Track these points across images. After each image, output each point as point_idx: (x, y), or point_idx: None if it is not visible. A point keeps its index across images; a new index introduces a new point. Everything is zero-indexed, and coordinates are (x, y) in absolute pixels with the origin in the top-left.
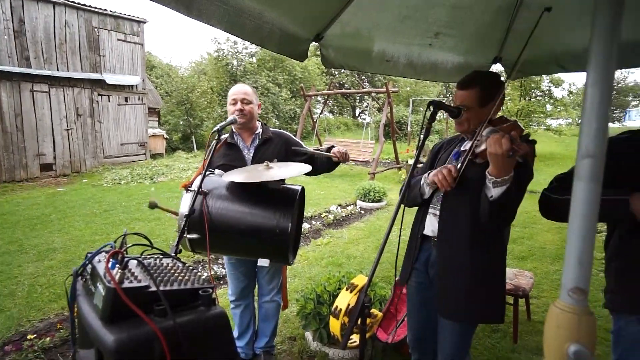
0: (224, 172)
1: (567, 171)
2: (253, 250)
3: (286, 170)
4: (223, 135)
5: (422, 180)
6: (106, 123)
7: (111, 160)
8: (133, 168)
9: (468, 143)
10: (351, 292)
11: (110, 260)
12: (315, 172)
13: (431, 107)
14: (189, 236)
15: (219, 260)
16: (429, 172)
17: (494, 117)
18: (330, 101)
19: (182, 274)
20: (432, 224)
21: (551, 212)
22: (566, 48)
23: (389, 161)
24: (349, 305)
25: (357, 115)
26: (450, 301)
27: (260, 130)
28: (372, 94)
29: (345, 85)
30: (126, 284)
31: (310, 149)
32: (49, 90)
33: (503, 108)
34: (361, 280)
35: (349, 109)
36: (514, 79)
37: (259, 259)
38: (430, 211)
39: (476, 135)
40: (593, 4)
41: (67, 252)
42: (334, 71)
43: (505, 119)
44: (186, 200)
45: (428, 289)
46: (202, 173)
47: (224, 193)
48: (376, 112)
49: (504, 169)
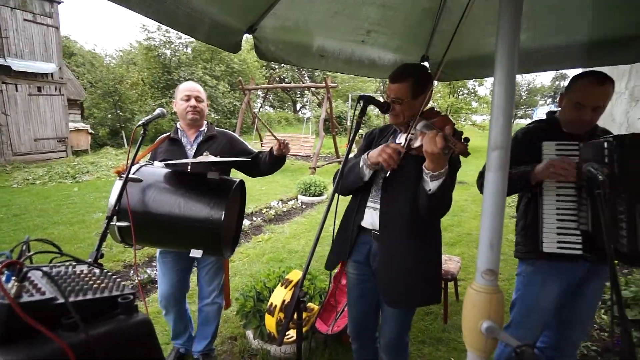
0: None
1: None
2: (186, 240)
3: (224, 157)
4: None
5: (360, 162)
6: (14, 116)
7: (22, 158)
8: (51, 166)
9: (401, 135)
10: (286, 287)
11: (4, 272)
12: (259, 172)
13: (361, 102)
14: (118, 224)
15: (153, 262)
16: (367, 153)
17: (424, 109)
18: (271, 95)
19: (99, 282)
20: (371, 217)
21: None
22: (485, 52)
23: (329, 155)
24: (284, 301)
25: (297, 110)
26: (394, 290)
27: (205, 128)
28: (312, 88)
29: (286, 80)
30: (25, 298)
31: (255, 150)
32: None
33: (435, 105)
34: (296, 276)
35: (289, 103)
36: (439, 80)
37: (191, 250)
38: (369, 205)
39: (410, 128)
40: (498, 14)
41: None
42: (273, 65)
43: (436, 111)
44: (117, 187)
45: (369, 280)
46: (138, 162)
47: (161, 182)
48: (316, 106)
49: (440, 164)
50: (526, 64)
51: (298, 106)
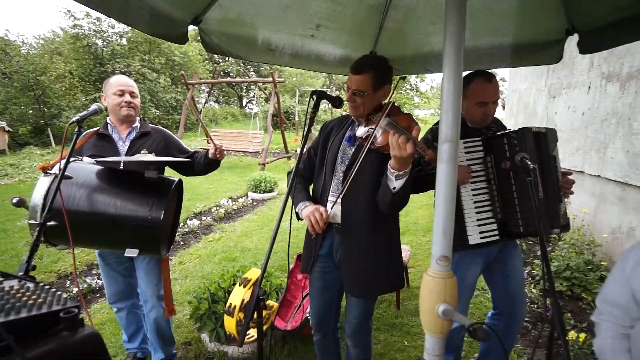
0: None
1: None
2: (122, 240)
3: (159, 155)
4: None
5: (298, 207)
6: None
7: None
8: None
9: (360, 127)
10: (244, 287)
11: None
12: (193, 173)
13: (314, 97)
14: (48, 224)
15: (92, 270)
16: (305, 206)
17: (384, 102)
18: (216, 90)
19: (35, 297)
20: (333, 210)
21: (419, 187)
22: (430, 50)
23: (278, 151)
24: (243, 300)
25: (244, 106)
26: (358, 281)
27: (138, 124)
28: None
29: (231, 74)
30: None
31: (191, 149)
32: None
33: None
34: (254, 274)
35: (235, 98)
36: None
37: (126, 250)
38: (330, 199)
39: (376, 126)
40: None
41: None
42: (217, 58)
43: (397, 106)
44: (42, 184)
45: (332, 272)
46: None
47: (93, 180)
48: (263, 102)
49: (406, 164)
50: (470, 62)
51: (244, 101)
